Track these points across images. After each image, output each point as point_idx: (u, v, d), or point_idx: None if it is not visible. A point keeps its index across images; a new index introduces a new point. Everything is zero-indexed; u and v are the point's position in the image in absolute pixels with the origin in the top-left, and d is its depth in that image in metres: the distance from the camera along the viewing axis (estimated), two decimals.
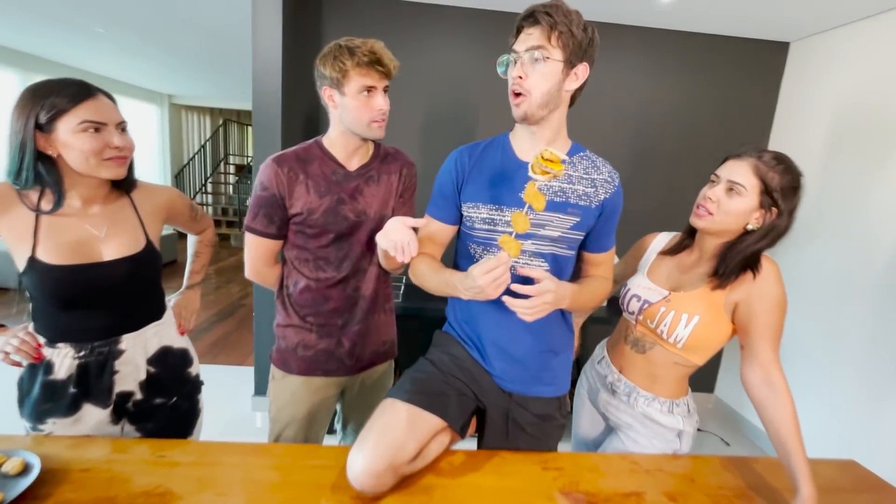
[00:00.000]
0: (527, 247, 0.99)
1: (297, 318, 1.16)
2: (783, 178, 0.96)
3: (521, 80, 0.91)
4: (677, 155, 2.49)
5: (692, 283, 1.06)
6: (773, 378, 0.94)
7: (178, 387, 1.14)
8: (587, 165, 1.02)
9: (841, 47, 2.16)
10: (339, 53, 1.00)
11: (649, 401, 1.11)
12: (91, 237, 0.97)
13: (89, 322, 0.99)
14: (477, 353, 1.07)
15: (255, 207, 1.09)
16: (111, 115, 0.93)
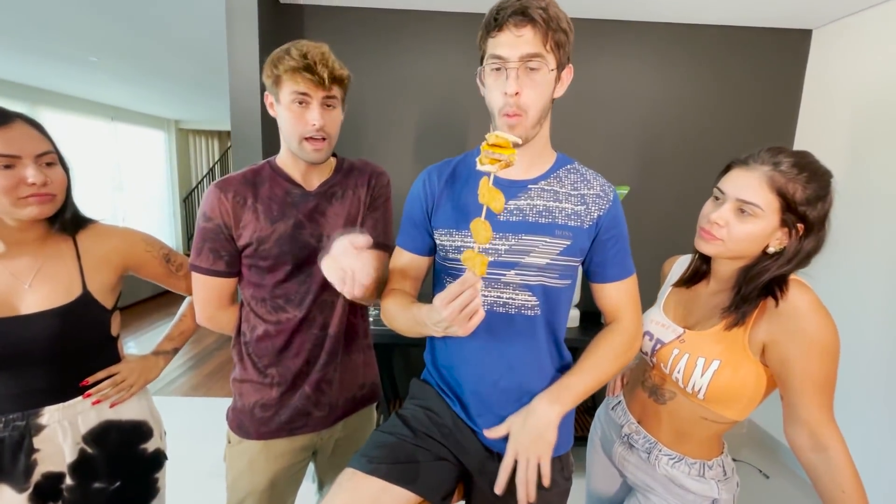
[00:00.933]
0: (511, 278, 0.82)
1: (255, 372, 0.99)
2: (807, 188, 0.76)
3: (516, 98, 0.74)
4: (693, 159, 2.29)
5: (708, 318, 0.87)
6: (826, 442, 0.74)
7: (126, 468, 0.96)
8: (575, 179, 0.85)
9: (870, 31, 1.96)
10: (277, 57, 0.88)
11: (674, 461, 0.91)
12: (13, 286, 0.83)
13: (3, 389, 0.84)
14: (458, 407, 0.89)
15: (199, 241, 0.95)
16: (27, 146, 0.79)
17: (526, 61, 0.72)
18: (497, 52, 0.73)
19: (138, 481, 0.98)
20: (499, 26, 0.73)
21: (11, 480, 0.85)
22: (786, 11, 2.04)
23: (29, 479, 0.86)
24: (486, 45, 0.76)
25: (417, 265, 0.92)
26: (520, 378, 0.85)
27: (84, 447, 0.90)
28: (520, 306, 0.83)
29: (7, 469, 0.84)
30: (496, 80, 0.75)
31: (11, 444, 0.84)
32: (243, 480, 1.01)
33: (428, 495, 0.80)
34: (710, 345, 0.84)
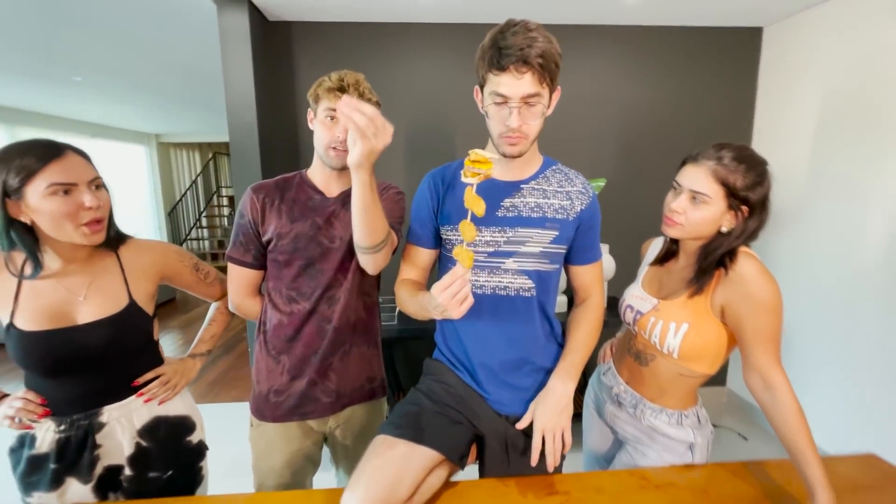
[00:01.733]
0: (510, 265, 0.96)
1: (270, 359, 1.11)
2: (746, 177, 0.91)
3: (518, 129, 0.87)
4: (663, 151, 2.47)
5: (677, 289, 1.02)
6: (773, 382, 0.89)
7: (175, 459, 1.06)
8: (560, 179, 1.00)
9: (817, 28, 2.14)
10: (320, 80, 1.04)
11: (656, 413, 1.06)
12: (69, 300, 0.92)
13: (68, 392, 0.94)
14: (469, 378, 1.03)
15: (235, 236, 1.10)
16: (82, 173, 0.87)
17: (526, 100, 0.85)
18: (500, 91, 0.84)
19: (186, 470, 1.08)
20: (502, 68, 0.83)
21: (78, 474, 0.95)
22: (737, 10, 2.22)
23: (92, 472, 0.96)
24: (488, 79, 0.87)
25: (425, 258, 1.05)
26: (520, 350, 1.00)
27: (139, 441, 1.00)
28: (518, 289, 0.98)
29: (74, 463, 0.94)
30: (498, 111, 0.87)
31: (77, 441, 0.94)
32: (263, 460, 1.13)
33: (449, 454, 0.93)
34: (679, 311, 0.99)
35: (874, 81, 1.88)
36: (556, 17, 2.24)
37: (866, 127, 1.91)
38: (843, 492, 0.94)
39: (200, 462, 1.12)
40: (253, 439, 1.14)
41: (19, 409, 0.89)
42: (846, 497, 0.93)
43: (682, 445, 1.05)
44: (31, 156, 0.82)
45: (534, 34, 0.83)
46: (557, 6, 2.11)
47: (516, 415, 1.00)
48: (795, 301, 2.28)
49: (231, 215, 8.43)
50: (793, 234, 2.27)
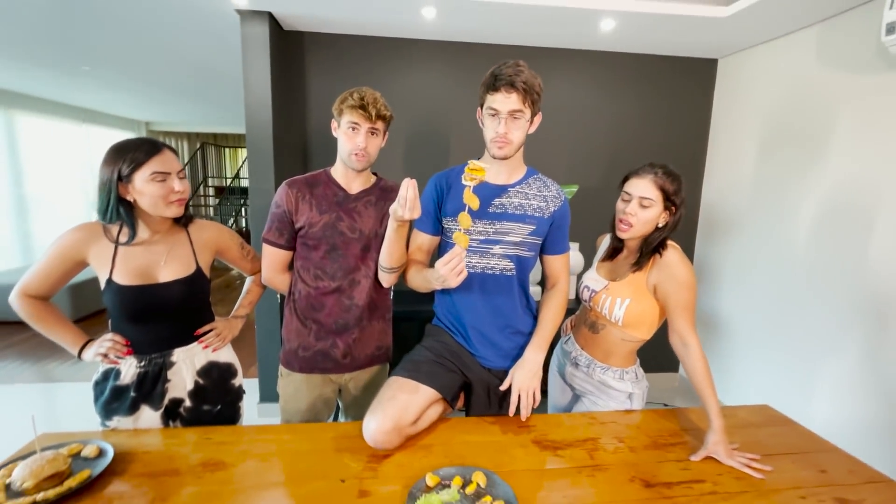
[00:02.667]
0: (496, 251, 1.25)
1: (299, 322, 1.36)
2: (674, 183, 1.23)
3: (505, 134, 1.16)
4: (629, 164, 2.75)
5: (623, 273, 1.33)
6: (687, 340, 1.20)
7: (222, 396, 1.31)
8: (540, 185, 1.29)
9: (760, 63, 2.51)
10: (343, 97, 1.25)
11: (604, 370, 1.36)
12: (153, 263, 1.17)
13: (149, 335, 1.19)
14: (461, 339, 1.31)
15: (270, 222, 1.33)
16: (173, 165, 1.13)
17: (512, 114, 1.14)
18: (493, 106, 1.14)
19: (230, 406, 1.34)
20: (496, 89, 1.13)
21: (151, 402, 1.20)
22: (696, 43, 2.56)
23: (162, 401, 1.21)
24: (486, 98, 1.17)
25: (430, 242, 1.33)
26: (502, 317, 1.28)
27: (198, 379, 1.26)
28: (502, 269, 1.26)
29: (149, 393, 1.19)
30: (491, 122, 1.17)
31: (153, 375, 1.19)
32: (291, 403, 1.39)
33: (445, 393, 1.21)
34: (623, 289, 1.29)
35: (801, 110, 2.24)
36: (540, 40, 2.54)
37: (794, 148, 2.27)
38: (737, 427, 1.27)
39: (240, 402, 1.38)
40: (282, 387, 1.40)
41: (109, 348, 1.13)
42: (738, 431, 1.25)
43: (623, 395, 1.35)
44: (141, 151, 1.08)
45: (521, 68, 1.13)
46: (542, 30, 2.40)
47: (497, 368, 1.29)
48: (739, 295, 2.65)
49: (217, 206, 8.50)
50: (739, 241, 2.63)
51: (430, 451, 1.11)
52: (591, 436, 1.20)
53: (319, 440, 1.15)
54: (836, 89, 2.04)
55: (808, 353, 2.18)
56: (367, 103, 1.22)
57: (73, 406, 2.84)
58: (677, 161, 2.84)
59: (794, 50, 2.28)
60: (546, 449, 1.14)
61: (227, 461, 1.05)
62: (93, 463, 1.00)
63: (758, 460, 1.08)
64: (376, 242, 1.34)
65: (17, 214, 4.86)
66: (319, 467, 1.04)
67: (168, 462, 1.04)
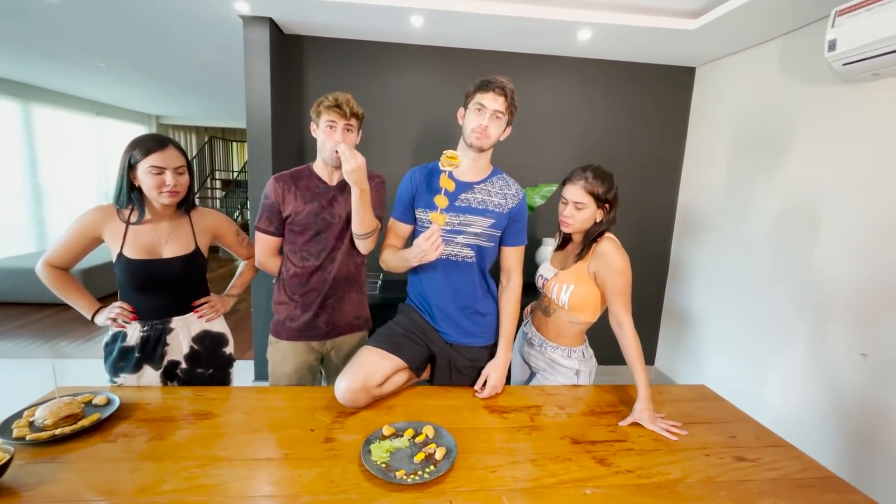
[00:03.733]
0: (459, 239, 1.41)
1: (286, 297, 1.54)
2: (603, 185, 1.38)
3: (485, 128, 1.33)
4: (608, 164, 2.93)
5: (569, 263, 1.49)
6: (622, 320, 1.36)
7: (214, 361, 1.50)
8: (502, 184, 1.45)
9: (732, 72, 2.64)
10: (319, 100, 1.41)
11: (554, 349, 1.52)
12: (158, 241, 1.36)
13: (152, 303, 1.37)
14: (427, 316, 1.48)
15: (261, 212, 1.49)
16: (172, 161, 1.29)
17: (495, 112, 1.32)
18: (482, 102, 1.31)
19: (221, 371, 1.53)
20: (487, 89, 1.31)
21: (152, 362, 1.39)
22: (674, 52, 2.70)
23: (161, 362, 1.40)
24: (475, 96, 1.33)
25: (404, 230, 1.50)
26: (463, 297, 1.45)
27: (193, 345, 1.44)
28: (464, 257, 1.42)
29: (150, 354, 1.38)
30: (476, 115, 1.33)
31: (154, 339, 1.38)
32: (279, 368, 1.56)
33: (410, 363, 1.38)
34: (569, 276, 1.45)
35: (765, 118, 2.38)
36: (522, 47, 2.69)
37: (759, 153, 2.41)
38: (671, 401, 1.43)
39: (230, 368, 1.57)
40: (271, 353, 1.57)
41: (118, 313, 1.32)
42: (670, 404, 1.41)
43: (570, 371, 1.52)
44: (146, 145, 1.27)
45: (509, 82, 1.34)
46: (524, 38, 2.55)
47: (458, 343, 1.46)
48: (709, 292, 2.79)
49: (224, 198, 8.72)
50: (710, 240, 2.77)
51: (391, 411, 1.28)
52: (536, 403, 1.37)
53: (298, 399, 1.33)
54: (794, 99, 2.17)
55: (763, 344, 2.33)
56: (341, 103, 1.38)
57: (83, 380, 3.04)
58: (656, 164, 2.99)
59: (759, 61, 2.42)
60: (494, 412, 1.31)
61: (216, 412, 1.23)
62: (102, 409, 1.18)
63: (678, 427, 1.24)
64: (349, 226, 1.51)
65: (32, 202, 5.10)
66: (294, 420, 1.21)
67: (165, 412, 1.22)
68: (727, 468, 1.09)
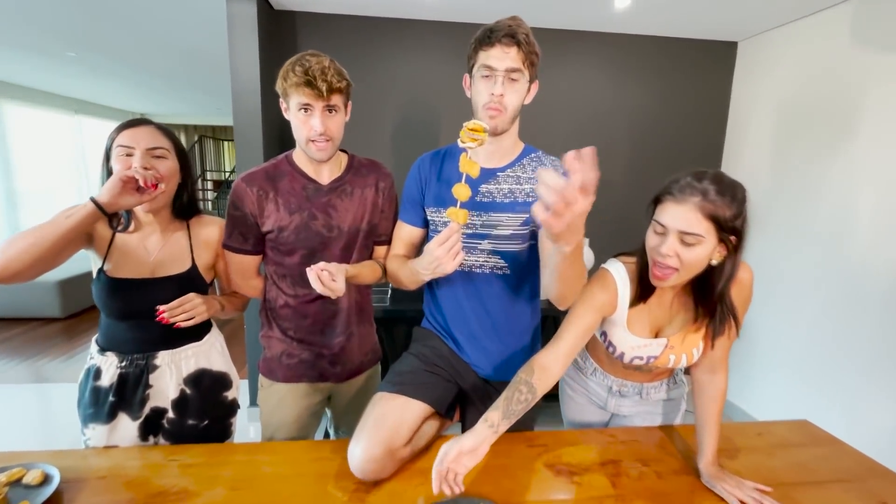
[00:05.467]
0: (483, 245, 1.08)
1: (280, 332, 1.20)
2: (731, 206, 0.87)
3: (500, 98, 0.97)
4: (641, 153, 2.64)
5: (680, 322, 1.05)
6: (718, 368, 1.05)
7: (212, 410, 1.17)
8: (536, 166, 1.10)
9: (783, 45, 2.33)
10: (286, 71, 1.02)
11: (655, 388, 1.20)
12: (147, 256, 1.07)
13: (134, 333, 1.07)
14: (452, 343, 1.16)
15: (230, 227, 1.13)
16: (143, 140, 1.00)
17: (510, 73, 0.97)
18: (488, 63, 0.96)
19: (220, 423, 1.19)
20: (491, 44, 0.95)
21: (129, 410, 1.07)
22: (715, 25, 2.39)
23: (142, 409, 1.08)
24: (478, 57, 0.99)
25: (414, 235, 1.17)
26: (494, 318, 1.12)
27: (184, 388, 1.12)
28: (492, 267, 1.09)
29: (128, 399, 1.06)
30: (485, 84, 0.98)
31: (133, 377, 1.06)
32: (274, 416, 1.22)
33: (438, 406, 1.06)
34: (691, 339, 1.03)
35: (830, 94, 2.07)
36: (548, 21, 2.37)
37: (822, 137, 2.10)
38: (776, 447, 1.13)
39: (232, 418, 1.23)
40: (263, 398, 1.24)
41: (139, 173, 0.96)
42: (777, 451, 1.10)
43: (681, 398, 1.21)
44: (123, 123, 1.02)
45: (520, 21, 0.97)
46: (550, 11, 2.23)
47: (495, 379, 1.14)
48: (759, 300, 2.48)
49: (216, 199, 8.36)
50: (761, 240, 2.47)
51: (426, 477, 0.95)
52: (612, 458, 1.06)
53: (301, 462, 1.01)
54: (865, 71, 1.87)
55: (846, 365, 2.02)
56: (314, 76, 0.99)
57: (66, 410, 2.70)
58: (693, 152, 2.68)
59: (824, 29, 2.11)
60: (560, 474, 0.99)
61: (193, 489, 0.91)
62: (34, 492, 0.86)
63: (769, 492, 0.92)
64: (361, 237, 1.18)
65: (7, 208, 4.73)
66: (299, 498, 0.90)
67: (123, 490, 0.90)
68: None
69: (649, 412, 1.22)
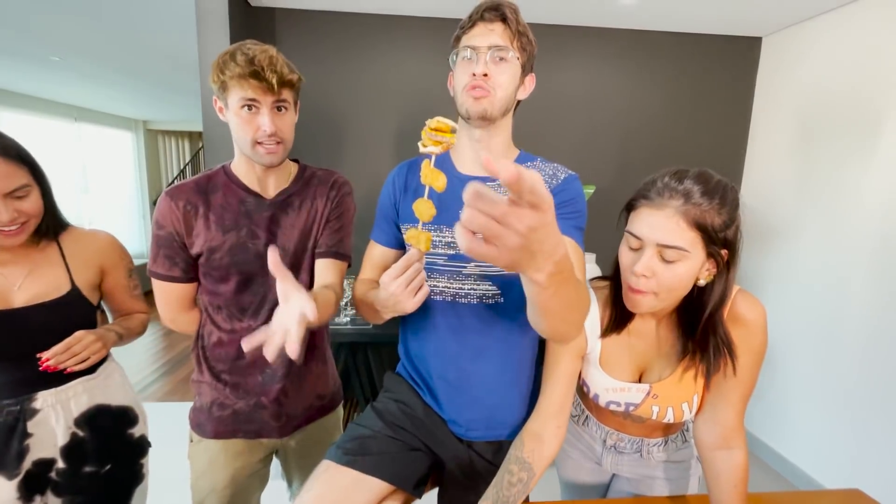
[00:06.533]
0: (471, 269, 0.87)
1: (210, 375, 1.00)
2: (721, 212, 0.70)
3: (485, 78, 0.78)
4: (657, 160, 2.40)
5: (665, 364, 0.85)
6: (734, 442, 0.81)
7: (115, 451, 1.01)
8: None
9: (813, 39, 2.10)
10: (222, 61, 0.85)
11: (661, 445, 0.96)
12: (6, 286, 0.90)
13: (1, 377, 0.88)
14: (429, 397, 0.94)
15: (155, 248, 0.95)
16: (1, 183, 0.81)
17: (495, 50, 0.78)
18: (469, 44, 0.79)
19: (126, 465, 1.02)
20: (472, 23, 0.80)
21: (4, 467, 0.88)
22: (737, 20, 2.16)
23: (20, 464, 0.89)
24: (460, 42, 0.82)
25: (387, 257, 0.96)
26: (486, 364, 0.89)
27: (76, 430, 0.95)
28: (481, 296, 0.88)
29: (1, 455, 0.87)
30: (466, 66, 0.80)
31: (5, 428, 0.88)
32: (205, 479, 1.02)
33: (401, 484, 0.84)
34: (683, 388, 0.83)
35: (868, 93, 1.82)
36: (550, 17, 2.17)
37: (856, 137, 1.86)
38: None
39: (142, 459, 1.06)
40: (192, 456, 1.03)
41: None
42: None
43: (693, 458, 0.97)
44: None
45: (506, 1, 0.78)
46: (552, 6, 2.03)
47: (480, 440, 0.91)
48: (783, 320, 2.22)
49: None
50: (783, 249, 2.21)
51: None
52: None
53: None
54: None
55: (868, 392, 1.76)
56: (261, 67, 0.82)
57: None
58: (712, 157, 2.43)
59: (857, 21, 1.87)
60: None
61: None
62: None
63: None
64: (307, 260, 0.99)
65: None
66: None
67: None
68: None
69: (656, 478, 0.99)
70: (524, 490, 0.75)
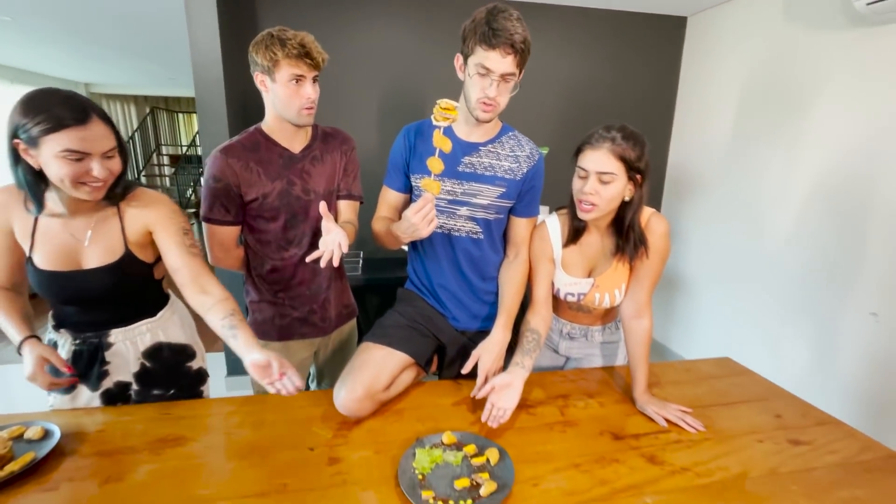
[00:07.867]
0: (462, 212, 1.19)
1: (270, 295, 1.29)
2: (636, 148, 1.06)
3: (495, 99, 1.06)
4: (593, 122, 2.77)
5: (605, 261, 1.22)
6: (643, 314, 1.20)
7: (178, 380, 1.20)
8: (513, 144, 1.21)
9: (731, 20, 2.48)
10: (271, 43, 1.07)
11: (600, 331, 1.35)
12: (74, 244, 1.00)
13: (83, 316, 1.08)
14: (434, 301, 1.29)
15: (210, 199, 1.17)
16: (98, 144, 0.89)
17: (505, 76, 1.05)
18: (486, 64, 1.02)
19: (188, 391, 1.23)
20: (492, 46, 1.00)
21: (88, 382, 1.11)
22: (665, 2, 2.51)
23: (101, 382, 1.11)
24: (476, 51, 1.03)
25: (399, 200, 1.27)
26: (472, 278, 1.26)
27: (143, 361, 1.15)
28: (468, 232, 1.22)
29: (86, 373, 1.10)
30: (481, 81, 1.05)
31: (88, 354, 1.09)
32: None
33: (417, 358, 1.19)
34: (616, 278, 1.20)
35: (774, 71, 2.25)
36: None
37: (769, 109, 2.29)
38: (701, 379, 1.32)
39: (202, 386, 1.27)
40: None
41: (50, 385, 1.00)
42: (701, 382, 1.30)
43: (620, 341, 1.37)
44: (58, 113, 0.84)
45: (520, 23, 1.03)
46: None
47: (469, 329, 1.28)
48: (705, 256, 2.72)
49: (174, 175, 8.03)
50: (707, 201, 2.68)
51: (401, 416, 1.10)
52: (561, 392, 1.22)
53: (288, 409, 1.11)
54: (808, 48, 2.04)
55: (771, 311, 2.28)
56: (310, 49, 1.09)
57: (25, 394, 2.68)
58: (645, 120, 2.84)
59: (762, 6, 2.27)
60: (519, 407, 1.14)
61: (189, 435, 1.00)
62: (37, 445, 0.93)
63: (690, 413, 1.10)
64: (333, 200, 1.28)
65: None
66: (289, 437, 1.00)
67: (122, 439, 0.98)
68: (786, 455, 0.98)
69: (595, 355, 1.39)
70: (538, 345, 1.14)
